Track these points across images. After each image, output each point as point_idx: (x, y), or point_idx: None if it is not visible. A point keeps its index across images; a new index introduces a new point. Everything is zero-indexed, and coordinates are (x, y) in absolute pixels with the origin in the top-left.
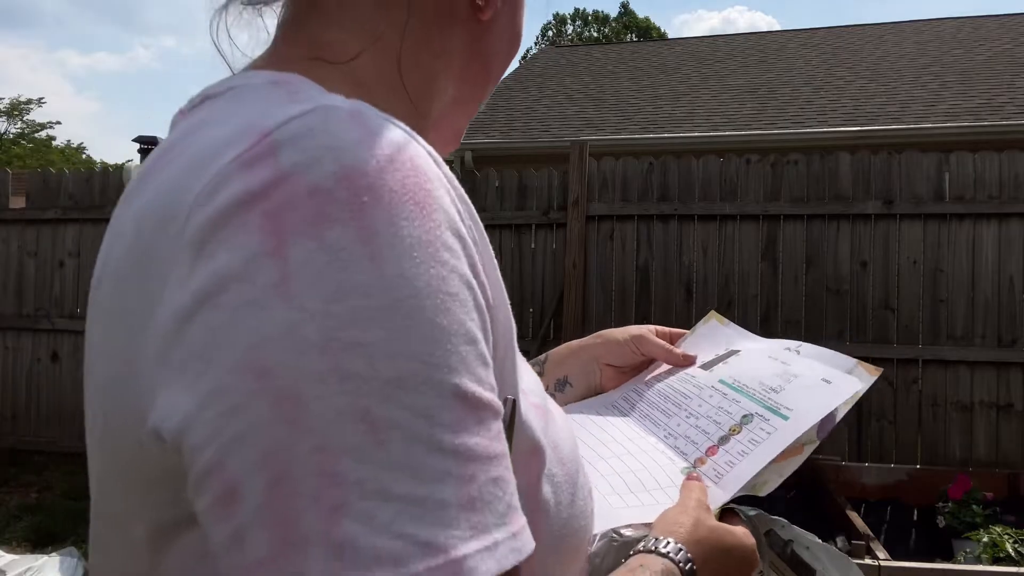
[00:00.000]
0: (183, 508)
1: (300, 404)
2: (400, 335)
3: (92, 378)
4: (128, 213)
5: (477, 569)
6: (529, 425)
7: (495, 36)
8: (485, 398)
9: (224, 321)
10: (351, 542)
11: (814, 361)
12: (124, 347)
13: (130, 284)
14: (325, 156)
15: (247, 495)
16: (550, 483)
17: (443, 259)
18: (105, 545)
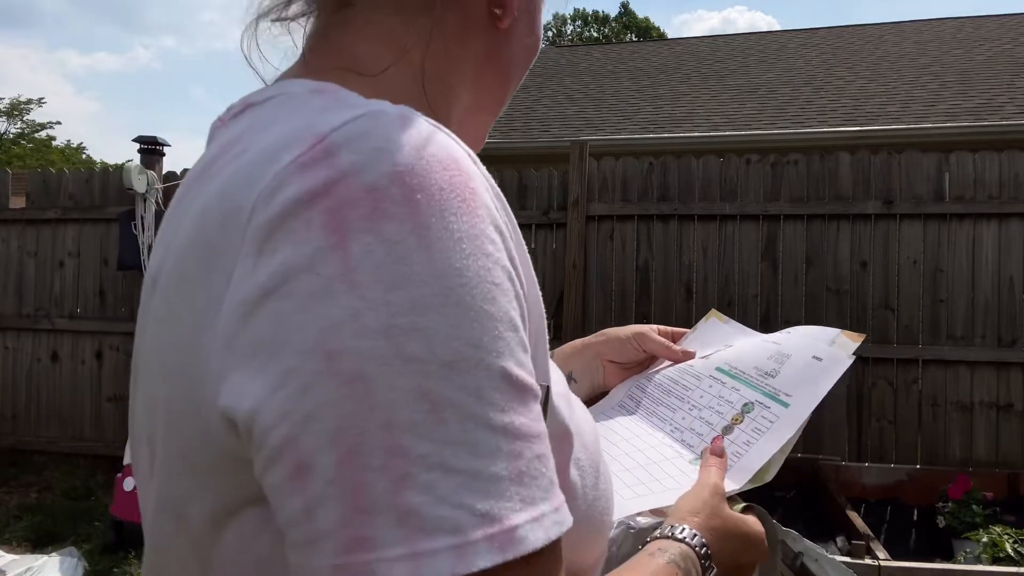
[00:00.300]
0: (242, 490)
1: (367, 384)
2: (453, 321)
3: (150, 368)
4: (186, 214)
5: (527, 538)
6: (559, 411)
7: (512, 44)
8: (527, 381)
9: (292, 309)
10: (416, 511)
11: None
12: (188, 337)
13: (193, 279)
14: (379, 157)
15: (319, 469)
16: (576, 467)
17: (487, 251)
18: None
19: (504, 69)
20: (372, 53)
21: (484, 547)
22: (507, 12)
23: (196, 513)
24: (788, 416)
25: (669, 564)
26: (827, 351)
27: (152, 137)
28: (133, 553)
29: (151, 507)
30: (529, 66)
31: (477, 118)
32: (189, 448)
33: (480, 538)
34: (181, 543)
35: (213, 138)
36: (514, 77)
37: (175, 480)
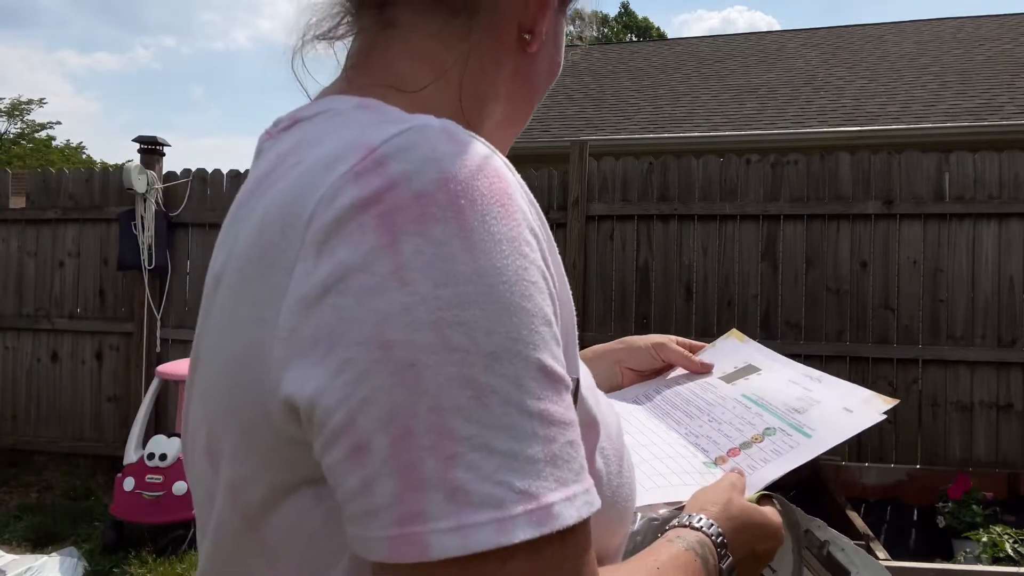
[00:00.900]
0: (299, 470)
1: (417, 372)
2: (494, 315)
3: (212, 358)
4: (247, 221)
5: (562, 515)
6: (587, 401)
7: (539, 64)
8: (560, 372)
9: (350, 304)
10: (463, 487)
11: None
12: (250, 329)
13: (255, 277)
14: (426, 166)
15: (375, 449)
16: (602, 456)
17: (524, 252)
18: (222, 511)
19: (531, 87)
20: (413, 72)
21: (523, 521)
22: (536, 37)
23: (255, 491)
24: (808, 445)
25: (687, 551)
26: (859, 406)
27: (152, 137)
28: (133, 553)
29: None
30: (552, 81)
31: (506, 131)
32: (250, 431)
33: (520, 513)
34: (236, 519)
35: (263, 150)
36: (539, 93)
37: (235, 461)
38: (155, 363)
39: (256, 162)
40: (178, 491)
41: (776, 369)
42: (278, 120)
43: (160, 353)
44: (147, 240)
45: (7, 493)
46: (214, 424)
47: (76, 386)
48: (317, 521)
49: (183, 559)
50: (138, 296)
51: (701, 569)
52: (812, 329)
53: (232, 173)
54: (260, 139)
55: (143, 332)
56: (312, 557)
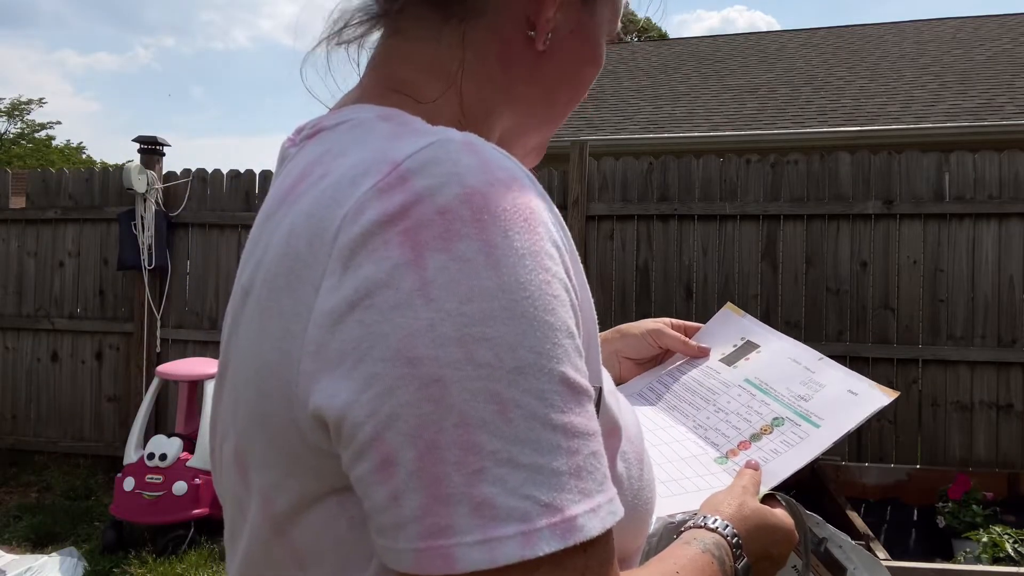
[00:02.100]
0: (325, 480)
1: (443, 387)
2: (519, 331)
3: (240, 368)
4: (275, 232)
5: (586, 527)
6: (609, 407)
7: (556, 65)
8: (582, 384)
9: (375, 320)
10: (489, 501)
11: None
12: (278, 341)
13: (282, 289)
14: (450, 181)
15: (402, 462)
16: (623, 460)
17: (547, 266)
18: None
19: (547, 88)
20: (419, 79)
21: (548, 534)
22: (540, 34)
23: (282, 499)
24: (818, 436)
25: (704, 552)
26: (863, 389)
27: (152, 137)
28: (133, 553)
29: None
30: (586, 79)
31: (523, 135)
32: (278, 440)
33: (544, 526)
34: (267, 526)
35: (286, 158)
36: (561, 95)
37: (263, 468)
38: (155, 363)
39: (280, 169)
40: (178, 491)
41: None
42: (300, 128)
43: (160, 353)
44: (147, 240)
45: (7, 493)
46: (243, 432)
47: (76, 386)
48: (342, 529)
49: (183, 559)
50: (138, 296)
51: (719, 571)
52: (812, 329)
53: (232, 173)
54: (283, 146)
55: (143, 332)
56: (339, 564)
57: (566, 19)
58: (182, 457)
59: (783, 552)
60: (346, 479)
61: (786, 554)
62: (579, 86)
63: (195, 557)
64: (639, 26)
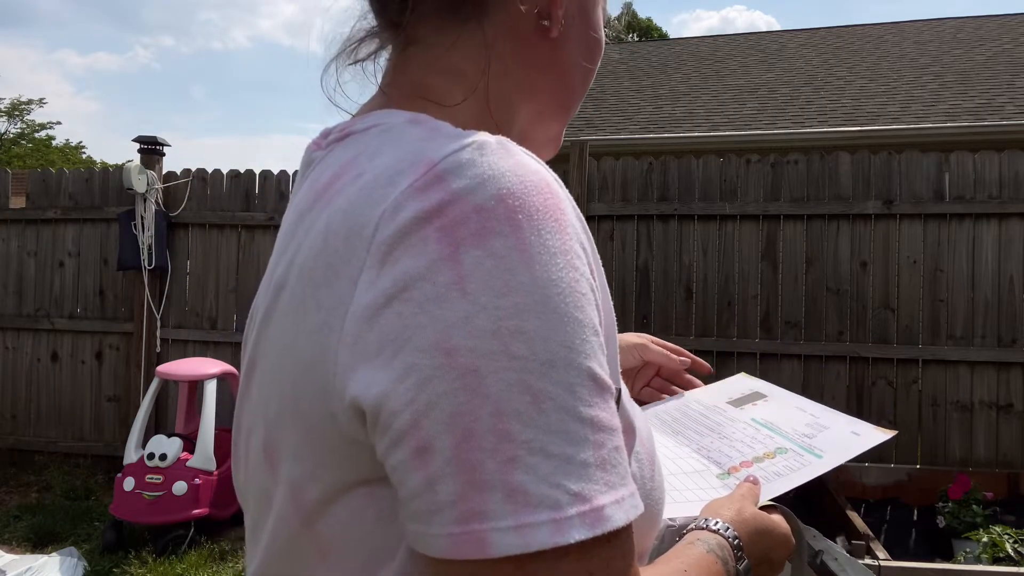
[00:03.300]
0: (356, 471)
1: (479, 377)
2: (551, 325)
3: (274, 362)
4: (311, 230)
5: (613, 517)
6: (627, 408)
7: (568, 50)
8: (607, 380)
9: (413, 312)
10: (522, 488)
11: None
12: (316, 334)
13: (320, 284)
14: (486, 181)
15: (439, 450)
16: (636, 460)
17: (575, 265)
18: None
19: (562, 74)
20: (442, 84)
21: (578, 522)
22: (554, 22)
23: (313, 489)
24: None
25: (709, 553)
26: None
27: (152, 137)
28: (133, 553)
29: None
30: (594, 63)
31: (542, 125)
32: (314, 431)
33: (574, 514)
34: (294, 516)
35: (312, 161)
36: (575, 79)
37: (296, 460)
38: (155, 363)
39: (306, 171)
40: (178, 491)
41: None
42: (327, 131)
43: (160, 353)
44: (147, 240)
45: (7, 493)
46: (274, 424)
47: (76, 386)
48: (369, 521)
49: (183, 559)
50: (138, 296)
51: (723, 571)
52: (812, 329)
53: (232, 173)
54: (308, 149)
55: (143, 332)
56: (363, 557)
57: (571, 3)
58: (182, 457)
59: (781, 556)
60: (377, 470)
61: (784, 558)
62: (590, 69)
63: (195, 557)
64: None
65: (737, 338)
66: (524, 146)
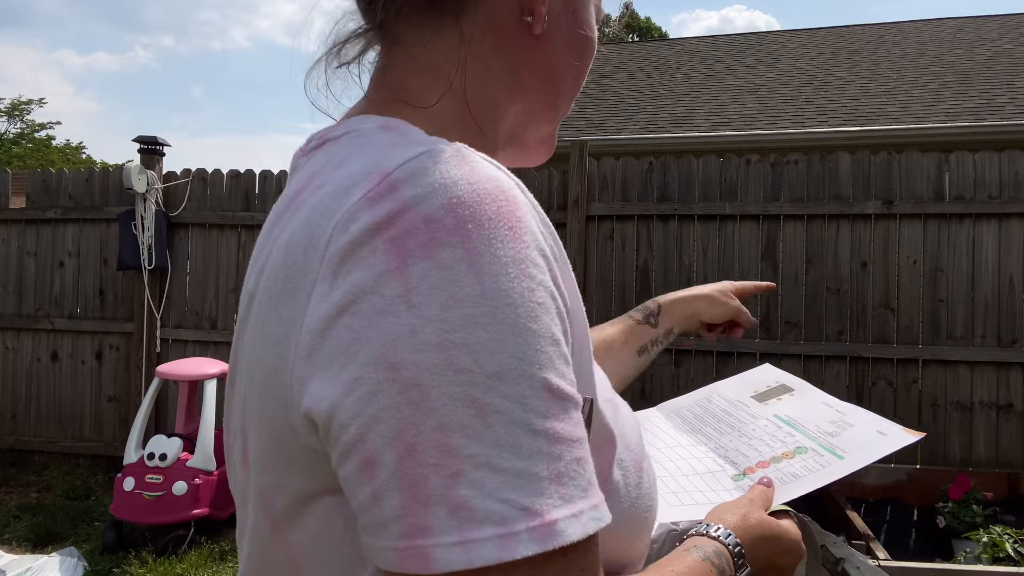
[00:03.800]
0: (320, 479)
1: (423, 391)
2: (499, 337)
3: (246, 371)
4: (277, 241)
5: (566, 531)
6: (603, 416)
7: (554, 48)
8: (567, 391)
9: (361, 325)
10: (466, 503)
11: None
12: (277, 346)
13: (281, 296)
14: (436, 191)
15: (383, 464)
16: (620, 468)
17: (531, 274)
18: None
19: (549, 72)
20: (420, 85)
21: (526, 537)
22: (537, 18)
23: (281, 498)
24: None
25: (704, 560)
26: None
27: (152, 137)
28: (133, 553)
29: (239, 493)
30: (585, 61)
31: (532, 126)
32: (277, 442)
33: (522, 529)
34: (266, 524)
35: (296, 168)
36: (563, 78)
37: (264, 469)
38: (155, 363)
39: (290, 179)
40: (178, 491)
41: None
42: (310, 138)
43: (160, 353)
44: (147, 240)
45: (7, 493)
46: (248, 433)
47: (76, 386)
48: (339, 529)
49: (183, 559)
50: (138, 296)
51: None
52: (812, 329)
53: (232, 173)
54: (294, 156)
55: (143, 332)
56: (335, 564)
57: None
58: (182, 457)
59: (789, 563)
60: None
61: (793, 565)
62: (581, 68)
63: (195, 557)
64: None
65: None
66: (514, 147)
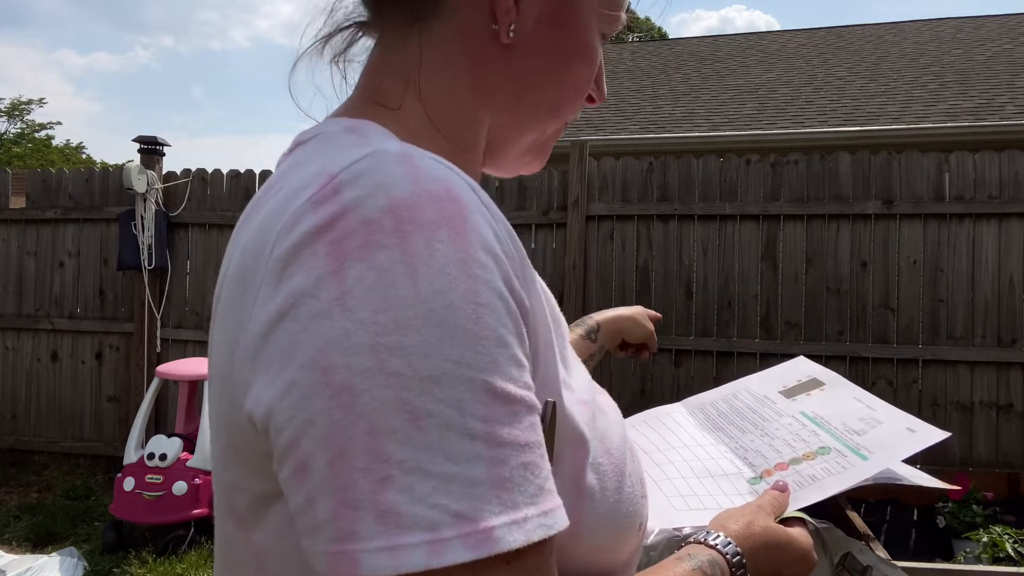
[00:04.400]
0: (274, 483)
1: (354, 395)
2: (434, 340)
3: (213, 372)
4: (237, 246)
5: (504, 539)
6: (573, 419)
7: (529, 59)
8: (517, 394)
9: (298, 329)
10: (394, 509)
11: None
12: (231, 348)
13: (235, 300)
14: (377, 192)
15: (315, 468)
16: (596, 472)
17: (475, 275)
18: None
19: (524, 86)
20: (389, 87)
21: (458, 544)
22: (502, 26)
23: (242, 498)
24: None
25: (695, 570)
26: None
27: (152, 137)
28: (133, 553)
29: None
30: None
31: (511, 138)
32: (234, 443)
33: (453, 536)
34: (231, 522)
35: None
36: (543, 88)
37: (225, 468)
38: (155, 363)
39: None
40: (178, 491)
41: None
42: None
43: (160, 353)
44: (147, 240)
45: (7, 493)
46: (213, 433)
47: (76, 386)
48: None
49: (183, 559)
50: (138, 296)
51: None
52: (812, 329)
53: (232, 173)
54: (280, 158)
55: (143, 332)
56: (298, 564)
57: (531, 8)
58: (182, 457)
59: (798, 573)
60: None
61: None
62: (565, 83)
63: (195, 557)
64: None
65: (737, 338)
66: (493, 157)
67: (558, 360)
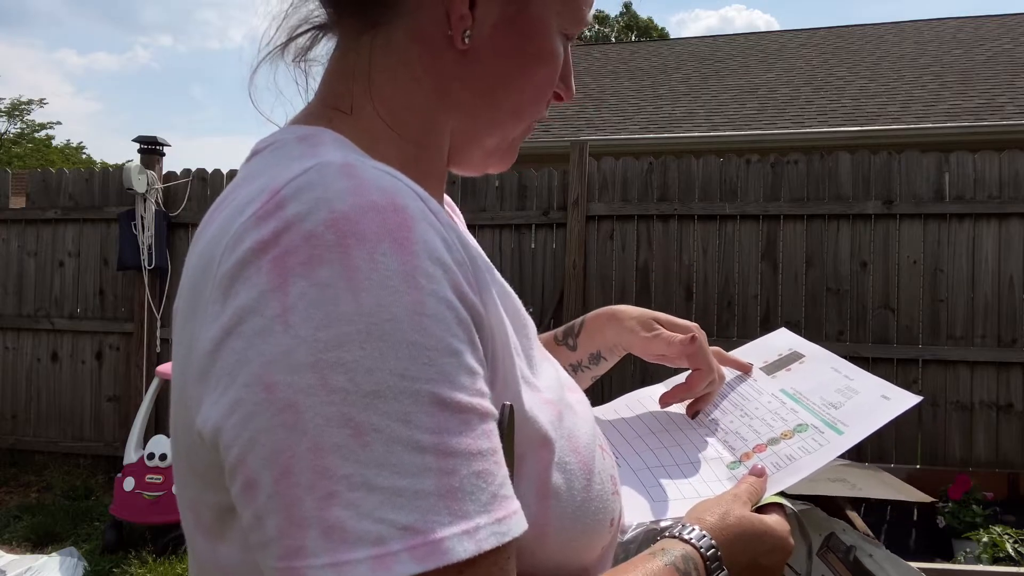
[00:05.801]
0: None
1: (297, 412)
2: (377, 354)
3: (172, 388)
4: (191, 259)
5: (454, 550)
6: (536, 420)
7: (487, 63)
8: (468, 403)
9: (243, 347)
10: (340, 525)
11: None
12: (182, 365)
13: (188, 317)
14: (319, 206)
15: (262, 485)
16: (562, 471)
17: (420, 285)
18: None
19: (484, 89)
20: (346, 91)
21: (405, 557)
22: (456, 32)
23: (205, 511)
24: (837, 442)
25: (667, 566)
26: (896, 393)
27: (152, 137)
28: (133, 553)
29: None
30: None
31: (474, 141)
32: (190, 458)
33: (401, 549)
34: (198, 534)
35: None
36: (503, 96)
37: (187, 482)
38: (155, 363)
39: None
40: None
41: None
42: None
43: (160, 353)
44: (147, 240)
45: (7, 493)
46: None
47: (76, 386)
48: None
49: (183, 559)
50: (138, 296)
51: None
52: (812, 329)
53: (232, 173)
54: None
55: (143, 332)
56: None
57: (487, 13)
58: None
59: (776, 561)
60: None
61: (780, 564)
62: (525, 86)
63: None
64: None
65: (737, 338)
66: (456, 160)
67: (520, 361)
